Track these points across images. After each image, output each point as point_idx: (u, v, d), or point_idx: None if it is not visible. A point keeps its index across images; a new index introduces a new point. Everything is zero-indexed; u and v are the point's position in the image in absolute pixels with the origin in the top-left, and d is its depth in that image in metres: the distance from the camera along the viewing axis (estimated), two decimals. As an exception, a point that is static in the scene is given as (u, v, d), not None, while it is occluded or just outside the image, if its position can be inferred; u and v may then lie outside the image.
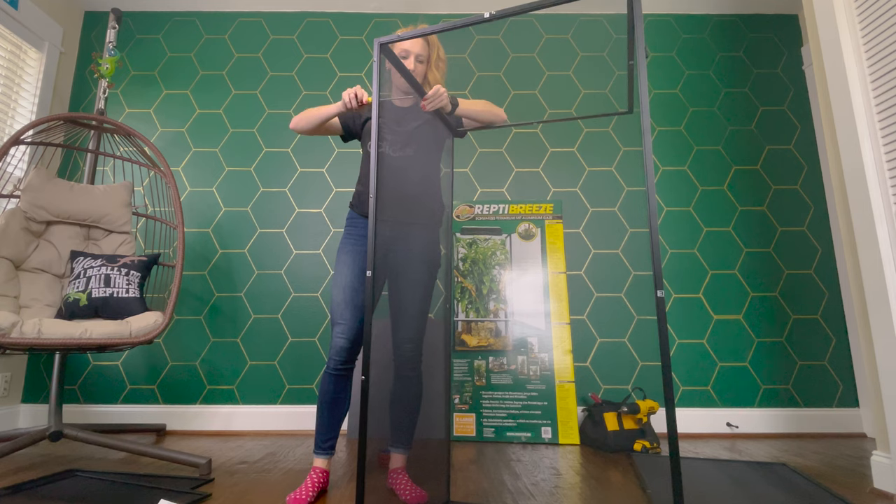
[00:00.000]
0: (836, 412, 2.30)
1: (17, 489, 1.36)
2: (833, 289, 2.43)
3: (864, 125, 1.53)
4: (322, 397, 1.40)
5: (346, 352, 1.39)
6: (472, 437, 2.13)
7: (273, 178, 2.53)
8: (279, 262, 2.44)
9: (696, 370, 2.35)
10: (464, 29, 2.70)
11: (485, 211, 2.43)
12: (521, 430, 2.12)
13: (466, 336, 2.27)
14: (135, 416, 2.27)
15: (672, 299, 2.42)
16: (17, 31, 2.27)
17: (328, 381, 1.39)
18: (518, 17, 2.73)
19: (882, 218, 1.47)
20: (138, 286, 1.79)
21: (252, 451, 1.89)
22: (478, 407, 2.17)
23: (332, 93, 2.63)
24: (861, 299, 1.56)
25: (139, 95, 2.61)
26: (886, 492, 1.44)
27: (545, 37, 2.70)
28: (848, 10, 1.60)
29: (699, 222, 2.50)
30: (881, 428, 1.49)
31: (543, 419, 2.13)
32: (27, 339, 1.42)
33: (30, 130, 2.01)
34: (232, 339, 2.36)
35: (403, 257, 1.45)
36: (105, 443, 1.58)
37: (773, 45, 2.71)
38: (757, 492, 1.39)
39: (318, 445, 1.39)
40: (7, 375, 2.19)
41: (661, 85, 2.66)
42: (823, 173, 2.54)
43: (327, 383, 1.39)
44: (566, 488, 1.45)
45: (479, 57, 2.67)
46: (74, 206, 1.89)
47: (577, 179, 2.55)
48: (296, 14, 2.72)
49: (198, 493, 1.35)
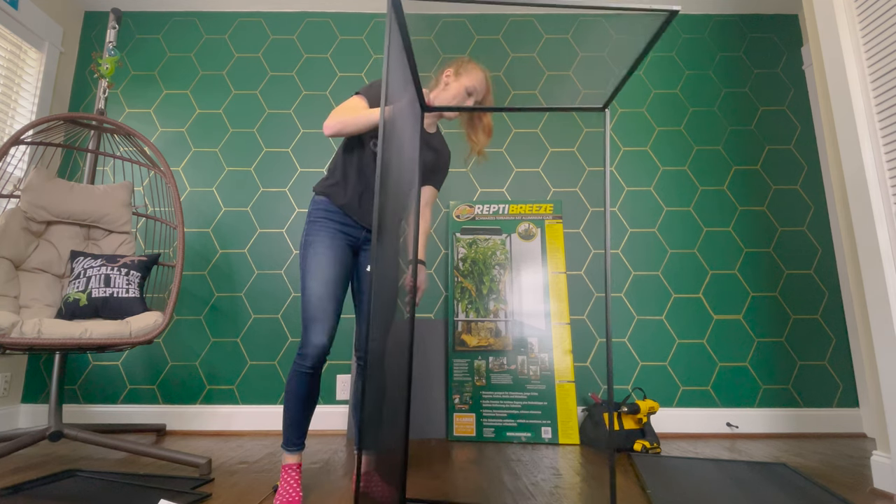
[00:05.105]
0: (836, 412, 2.30)
1: (17, 489, 1.36)
2: (833, 289, 2.43)
3: (864, 125, 1.53)
4: (296, 396, 1.32)
5: (326, 350, 1.32)
6: (472, 436, 2.13)
7: (273, 178, 2.53)
8: (279, 261, 2.44)
9: (696, 370, 2.35)
10: (464, 28, 2.70)
11: (485, 211, 2.43)
12: (521, 430, 2.12)
13: (466, 336, 2.27)
14: (135, 416, 2.27)
15: (672, 299, 2.42)
16: (17, 31, 2.27)
17: (303, 380, 1.31)
18: (518, 18, 2.73)
19: (882, 218, 1.47)
20: (138, 286, 1.79)
21: (252, 451, 1.89)
22: (478, 407, 2.17)
23: (332, 93, 2.63)
24: (861, 299, 1.56)
25: (139, 95, 2.61)
26: (886, 492, 1.44)
27: (545, 37, 2.70)
28: (848, 10, 1.60)
29: (699, 222, 2.50)
30: (881, 428, 1.49)
31: (543, 419, 2.13)
32: (27, 339, 1.42)
33: (30, 130, 2.01)
34: (232, 339, 2.36)
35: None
36: (105, 443, 1.58)
37: (773, 45, 2.71)
38: (757, 492, 1.39)
39: (292, 443, 1.34)
40: (7, 375, 2.19)
41: (661, 85, 2.66)
42: (823, 173, 2.54)
43: (302, 384, 1.31)
44: (566, 488, 1.45)
45: (480, 57, 2.67)
46: (74, 206, 1.89)
47: (577, 179, 2.55)
48: (296, 14, 2.72)
49: (198, 493, 1.35)
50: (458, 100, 1.46)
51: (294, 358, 1.36)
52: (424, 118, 1.52)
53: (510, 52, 2.68)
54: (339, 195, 1.41)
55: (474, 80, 1.45)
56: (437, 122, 1.58)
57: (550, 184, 2.54)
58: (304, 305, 1.32)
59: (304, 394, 1.32)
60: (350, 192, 1.41)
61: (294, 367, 1.33)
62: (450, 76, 1.48)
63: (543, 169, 2.56)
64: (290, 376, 1.33)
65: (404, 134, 1.26)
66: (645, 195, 2.53)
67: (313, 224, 1.39)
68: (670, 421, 2.29)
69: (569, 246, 2.47)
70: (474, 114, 1.49)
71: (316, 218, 1.40)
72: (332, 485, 1.47)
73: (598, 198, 2.53)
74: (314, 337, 1.30)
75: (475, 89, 1.46)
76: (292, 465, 1.35)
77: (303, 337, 1.32)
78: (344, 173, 1.43)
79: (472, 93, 1.46)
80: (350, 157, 1.44)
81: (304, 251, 1.37)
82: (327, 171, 1.49)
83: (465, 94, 1.46)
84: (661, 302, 2.42)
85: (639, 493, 1.41)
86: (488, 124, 1.49)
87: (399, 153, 1.45)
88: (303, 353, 1.31)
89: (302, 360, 1.31)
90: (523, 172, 2.55)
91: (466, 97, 1.46)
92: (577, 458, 1.83)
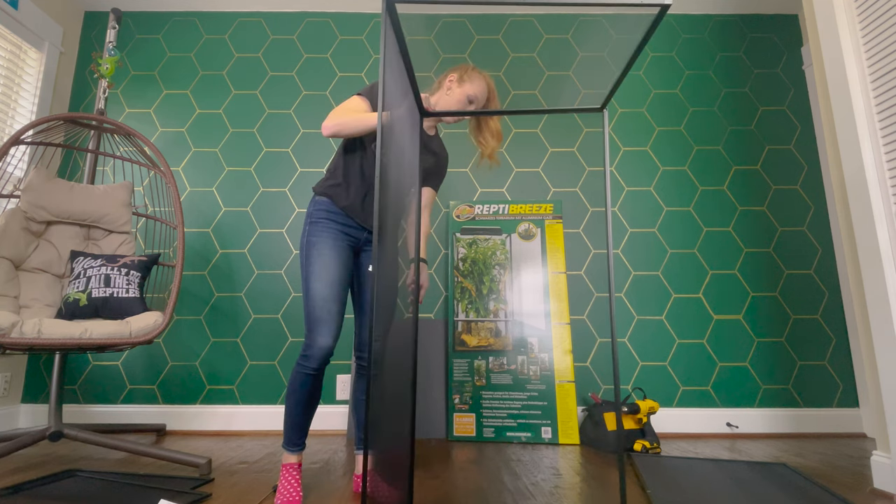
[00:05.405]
0: (836, 412, 2.30)
1: (17, 489, 1.36)
2: (833, 289, 2.43)
3: (864, 125, 1.53)
4: (298, 397, 1.33)
5: (331, 351, 1.32)
6: (472, 436, 2.13)
7: (273, 178, 2.53)
8: (279, 261, 2.44)
9: (696, 370, 2.35)
10: (464, 28, 2.70)
11: (485, 211, 2.43)
12: (521, 430, 2.12)
13: (466, 336, 2.27)
14: (135, 416, 2.27)
15: (672, 299, 2.42)
16: (17, 31, 2.27)
17: (307, 381, 1.31)
18: (518, 18, 2.73)
19: (882, 218, 1.47)
20: (138, 286, 1.79)
21: (252, 451, 1.89)
22: (478, 407, 2.17)
23: (332, 93, 2.63)
24: (861, 299, 1.56)
25: (139, 95, 2.61)
26: (886, 492, 1.44)
27: (545, 37, 2.70)
28: (848, 10, 1.60)
29: (699, 222, 2.50)
30: (881, 428, 1.49)
31: (543, 419, 2.13)
32: (27, 339, 1.42)
33: (30, 130, 2.01)
34: (232, 339, 2.36)
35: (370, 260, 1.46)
36: (105, 443, 1.58)
37: (773, 45, 2.71)
38: (757, 492, 1.39)
39: (293, 442, 1.34)
40: (7, 375, 2.19)
41: (661, 85, 2.66)
42: (823, 173, 2.54)
43: (306, 385, 1.32)
44: (566, 488, 1.45)
45: (480, 57, 2.67)
46: (74, 206, 1.89)
47: (577, 179, 2.55)
48: (296, 14, 2.72)
49: (198, 493, 1.35)
50: (459, 106, 1.47)
51: (297, 359, 1.36)
52: (424, 121, 1.52)
53: (510, 52, 2.68)
54: (341, 197, 1.41)
55: (477, 90, 1.47)
56: (437, 124, 1.58)
57: (550, 184, 2.54)
58: (309, 307, 1.32)
59: (307, 395, 1.33)
60: (353, 195, 1.41)
61: (297, 369, 1.33)
62: (453, 81, 1.49)
63: (543, 169, 2.56)
64: (293, 377, 1.33)
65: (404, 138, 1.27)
66: (645, 195, 2.53)
67: (315, 225, 1.38)
68: (670, 421, 2.29)
69: (569, 246, 2.47)
70: (481, 119, 1.50)
71: (318, 219, 1.39)
72: (332, 485, 1.47)
73: (598, 198, 2.53)
74: (320, 338, 1.29)
75: (476, 97, 1.47)
76: (293, 464, 1.35)
77: (307, 338, 1.32)
78: (346, 175, 1.43)
79: (473, 101, 1.47)
80: (352, 159, 1.44)
81: (308, 252, 1.36)
82: (327, 171, 1.48)
83: (466, 102, 1.47)
84: (661, 302, 2.42)
85: (639, 493, 1.42)
86: (496, 128, 1.50)
87: (399, 157, 1.45)
88: (308, 355, 1.30)
89: (306, 361, 1.31)
90: (523, 172, 2.55)
91: (468, 104, 1.47)
92: (577, 458, 1.83)
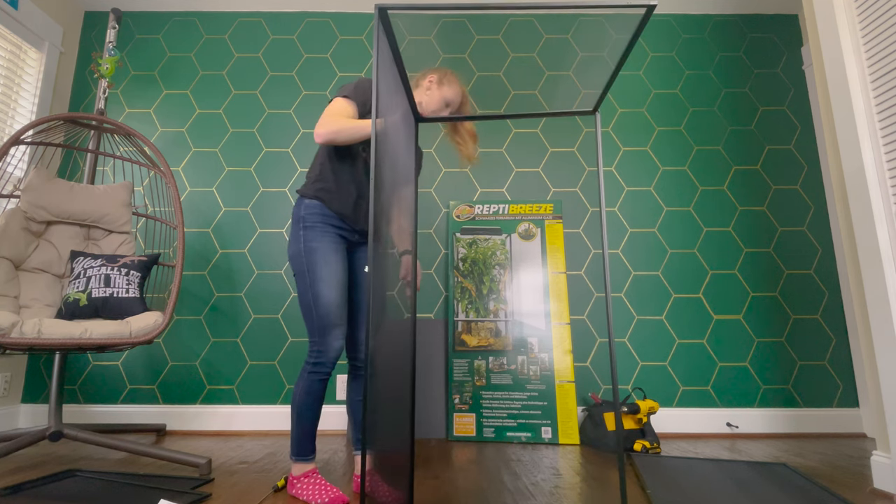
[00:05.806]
0: (836, 412, 2.30)
1: (17, 489, 1.36)
2: (833, 289, 2.43)
3: (864, 125, 1.53)
4: (310, 402, 1.33)
5: (341, 353, 1.34)
6: (472, 436, 2.13)
7: (273, 178, 2.53)
8: (279, 261, 2.44)
9: (696, 370, 2.35)
10: (464, 28, 2.70)
11: (485, 211, 2.43)
12: (521, 430, 2.12)
13: (466, 336, 2.27)
14: (135, 416, 2.27)
15: (672, 299, 2.42)
16: (17, 31, 2.27)
17: (318, 386, 1.32)
18: (518, 18, 2.73)
19: (882, 218, 1.47)
20: (138, 286, 1.79)
21: (252, 451, 1.89)
22: (478, 407, 2.17)
23: (332, 93, 2.62)
24: (861, 299, 1.56)
25: (139, 95, 2.61)
26: (886, 492, 1.44)
27: (545, 37, 2.70)
28: (848, 10, 1.60)
29: (699, 222, 2.50)
30: (881, 428, 1.49)
31: (543, 419, 2.13)
32: (27, 339, 1.42)
33: (30, 130, 2.01)
34: (232, 339, 2.36)
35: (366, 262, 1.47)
36: (105, 443, 1.58)
37: (773, 45, 2.71)
38: (757, 492, 1.39)
39: (310, 450, 1.35)
40: (7, 375, 2.19)
41: (661, 85, 2.66)
42: (823, 173, 2.54)
43: (317, 388, 1.32)
44: (566, 488, 1.45)
45: (479, 57, 2.67)
46: (74, 206, 1.89)
47: (577, 179, 2.55)
48: (296, 14, 2.72)
49: (198, 493, 1.35)
50: (435, 106, 1.50)
51: (304, 368, 1.34)
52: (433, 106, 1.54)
53: (510, 52, 2.68)
54: (333, 201, 1.41)
55: (453, 95, 1.50)
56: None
57: (550, 184, 2.54)
58: (321, 312, 1.32)
59: (320, 401, 1.35)
60: (344, 199, 1.42)
61: (311, 378, 1.32)
62: (433, 82, 1.51)
63: (543, 169, 2.56)
64: (307, 387, 1.32)
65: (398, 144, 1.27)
66: (645, 195, 2.53)
67: (312, 230, 1.38)
68: (670, 421, 2.29)
69: (569, 246, 2.47)
70: (457, 122, 1.52)
71: (314, 223, 1.38)
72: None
73: (599, 198, 2.52)
74: (335, 341, 1.32)
75: (452, 101, 1.51)
76: (314, 469, 1.36)
77: (319, 344, 1.32)
78: (336, 180, 1.42)
79: (449, 104, 1.50)
80: (342, 165, 1.43)
81: (310, 258, 1.35)
82: (313, 174, 1.45)
83: (443, 104, 1.50)
84: (661, 302, 2.42)
85: (639, 493, 1.41)
86: (471, 130, 1.53)
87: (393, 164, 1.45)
88: (322, 361, 1.31)
89: (321, 367, 1.31)
90: (523, 172, 2.55)
91: (444, 107, 1.51)
92: (577, 458, 1.83)
